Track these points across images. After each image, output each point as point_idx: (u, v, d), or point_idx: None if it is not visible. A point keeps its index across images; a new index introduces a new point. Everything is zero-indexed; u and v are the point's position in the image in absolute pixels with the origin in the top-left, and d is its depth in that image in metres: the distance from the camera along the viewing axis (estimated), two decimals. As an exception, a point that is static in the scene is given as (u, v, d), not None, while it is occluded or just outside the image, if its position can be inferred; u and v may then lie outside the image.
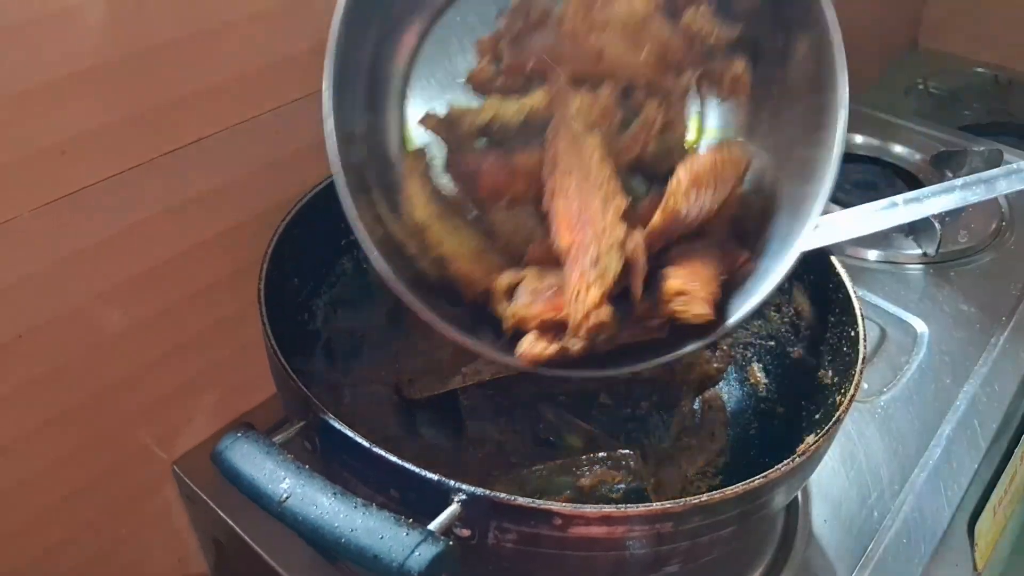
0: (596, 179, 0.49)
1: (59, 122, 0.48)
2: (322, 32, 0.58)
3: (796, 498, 0.64)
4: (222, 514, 0.62)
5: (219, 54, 0.54)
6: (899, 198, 0.60)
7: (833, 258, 0.60)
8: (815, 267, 0.61)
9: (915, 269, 0.87)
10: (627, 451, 0.55)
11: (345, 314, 0.66)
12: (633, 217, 0.50)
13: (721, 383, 0.68)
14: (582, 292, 0.46)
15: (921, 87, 1.58)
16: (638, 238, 0.49)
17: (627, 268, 0.48)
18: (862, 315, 0.56)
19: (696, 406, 0.65)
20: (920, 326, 0.79)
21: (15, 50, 0.45)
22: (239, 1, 0.53)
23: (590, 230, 0.47)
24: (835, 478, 0.66)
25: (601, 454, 0.55)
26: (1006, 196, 0.96)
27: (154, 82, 0.51)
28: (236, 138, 0.57)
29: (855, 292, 0.57)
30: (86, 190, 0.50)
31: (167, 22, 0.50)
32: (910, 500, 0.64)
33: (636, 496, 0.54)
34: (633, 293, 0.49)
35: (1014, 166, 0.59)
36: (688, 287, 0.48)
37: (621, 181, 0.51)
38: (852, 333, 0.56)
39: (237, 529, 0.61)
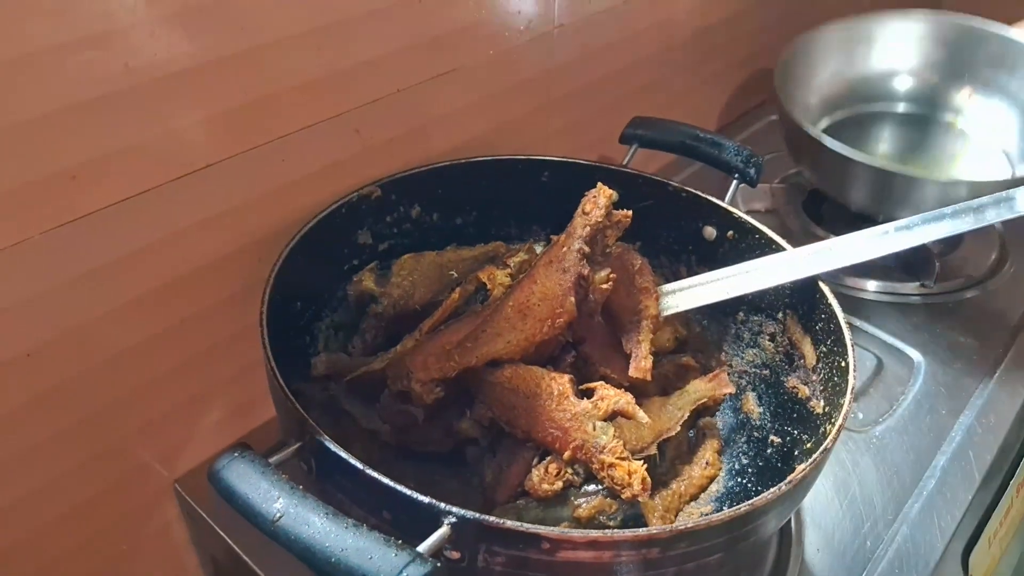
0: (542, 386, 0.56)
1: (70, 148, 0.49)
2: (327, 64, 0.60)
3: (789, 526, 0.65)
4: (221, 533, 0.63)
5: (225, 83, 0.56)
6: (890, 226, 0.61)
7: (825, 288, 0.60)
8: (808, 297, 0.62)
9: (913, 300, 0.87)
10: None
11: (346, 337, 0.68)
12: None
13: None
14: (627, 477, 0.52)
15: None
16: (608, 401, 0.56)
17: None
18: (852, 345, 0.56)
19: (691, 434, 0.65)
20: (917, 357, 0.80)
21: (29, 79, 0.46)
22: (247, 33, 0.55)
23: (574, 436, 0.54)
24: (829, 507, 0.66)
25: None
26: (1004, 229, 0.96)
27: (163, 110, 0.53)
28: (243, 165, 0.59)
29: (845, 322, 0.58)
30: (95, 214, 0.52)
31: (176, 53, 0.52)
32: (904, 530, 0.64)
33: (633, 526, 0.54)
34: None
35: (1003, 194, 0.59)
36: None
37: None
38: (843, 363, 0.56)
39: (235, 548, 0.62)
